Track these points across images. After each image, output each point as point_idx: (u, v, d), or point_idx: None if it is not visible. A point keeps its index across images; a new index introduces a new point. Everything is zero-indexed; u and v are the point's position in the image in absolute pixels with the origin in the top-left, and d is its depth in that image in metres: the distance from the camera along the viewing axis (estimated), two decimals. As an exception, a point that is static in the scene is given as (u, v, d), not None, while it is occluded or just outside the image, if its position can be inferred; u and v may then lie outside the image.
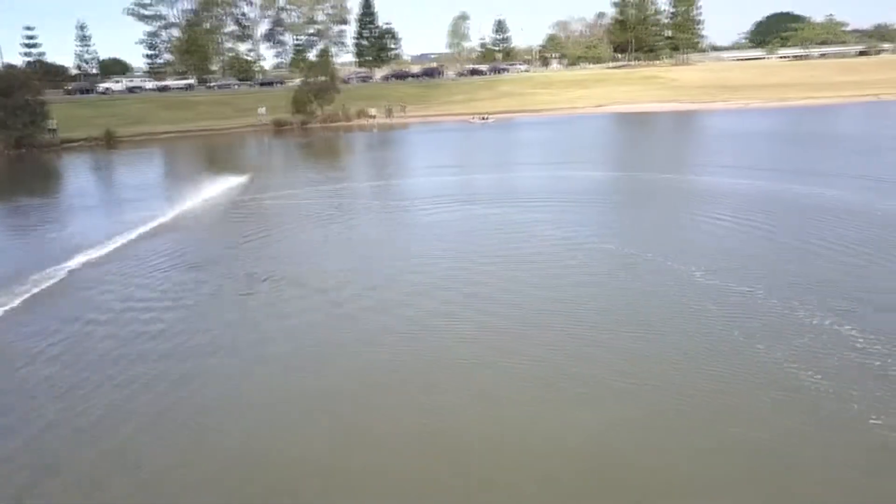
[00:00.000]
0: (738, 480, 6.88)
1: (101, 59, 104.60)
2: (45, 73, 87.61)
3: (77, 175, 36.33)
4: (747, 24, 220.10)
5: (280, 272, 14.55)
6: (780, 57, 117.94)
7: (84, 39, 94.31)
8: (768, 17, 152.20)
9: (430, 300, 12.40)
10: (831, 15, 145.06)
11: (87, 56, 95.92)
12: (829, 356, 9.47)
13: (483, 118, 56.35)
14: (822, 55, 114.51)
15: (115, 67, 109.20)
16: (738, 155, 29.57)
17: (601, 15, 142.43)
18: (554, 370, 9.39)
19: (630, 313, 11.42)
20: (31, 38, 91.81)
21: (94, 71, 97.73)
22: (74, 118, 56.16)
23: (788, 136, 37.83)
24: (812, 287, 12.25)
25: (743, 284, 12.33)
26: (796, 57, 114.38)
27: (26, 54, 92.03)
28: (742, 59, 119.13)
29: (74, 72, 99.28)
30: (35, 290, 13.90)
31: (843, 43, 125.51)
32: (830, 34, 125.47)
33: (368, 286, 13.30)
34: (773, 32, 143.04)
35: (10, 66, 49.56)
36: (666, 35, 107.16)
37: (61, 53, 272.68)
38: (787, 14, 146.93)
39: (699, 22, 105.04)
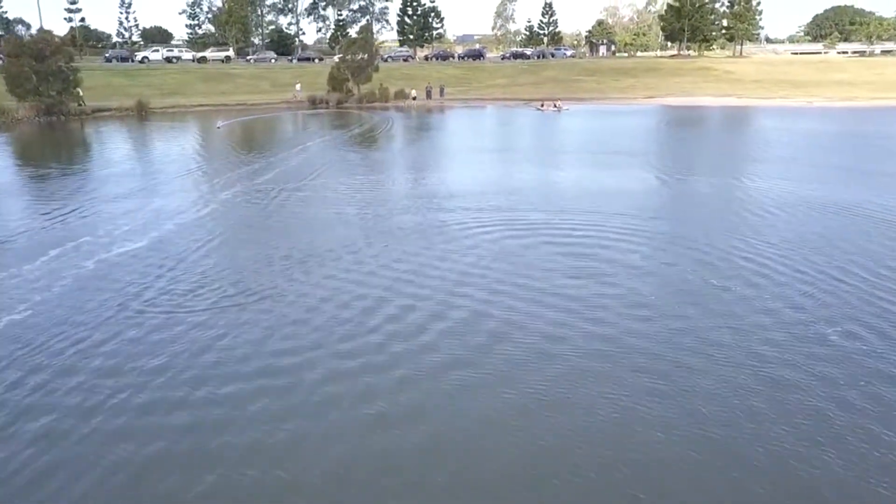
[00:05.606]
0: None
1: (144, 27, 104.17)
2: (87, 40, 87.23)
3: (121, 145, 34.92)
4: (805, 16, 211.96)
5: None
6: (840, 52, 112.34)
7: (126, 6, 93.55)
8: (828, 10, 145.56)
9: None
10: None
11: (128, 24, 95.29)
12: None
13: (556, 106, 50.98)
14: (885, 52, 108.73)
15: (157, 36, 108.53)
16: (838, 158, 26.92)
17: (653, 1, 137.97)
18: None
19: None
20: (73, 1, 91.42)
21: (136, 39, 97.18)
22: (110, 87, 55.10)
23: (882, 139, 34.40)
24: None
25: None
26: (856, 52, 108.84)
27: (69, 19, 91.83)
28: (799, 53, 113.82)
29: (116, 39, 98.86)
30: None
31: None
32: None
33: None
34: (832, 26, 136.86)
35: (44, 31, 48.38)
36: (722, 24, 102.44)
37: (105, 20, 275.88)
38: (849, 7, 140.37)
39: (759, 12, 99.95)
